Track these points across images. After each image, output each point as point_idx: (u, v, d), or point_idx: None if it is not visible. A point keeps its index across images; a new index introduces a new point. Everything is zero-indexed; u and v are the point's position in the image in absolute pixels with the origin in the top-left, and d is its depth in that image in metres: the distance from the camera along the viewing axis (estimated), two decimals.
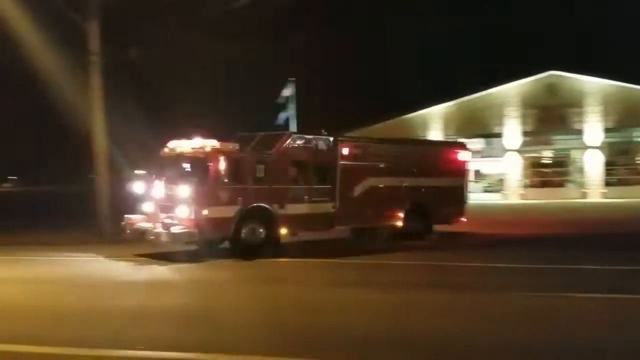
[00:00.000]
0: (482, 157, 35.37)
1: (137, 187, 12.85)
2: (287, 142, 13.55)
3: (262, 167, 12.83)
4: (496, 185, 35.85)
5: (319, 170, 13.86)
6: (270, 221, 12.77)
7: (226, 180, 12.27)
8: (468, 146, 17.90)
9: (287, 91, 32.28)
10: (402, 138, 18.99)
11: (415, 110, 37.90)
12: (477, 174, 37.07)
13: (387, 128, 35.59)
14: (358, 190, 14.38)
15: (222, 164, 12.19)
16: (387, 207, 14.79)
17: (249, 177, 12.62)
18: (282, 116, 32.40)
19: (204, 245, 12.71)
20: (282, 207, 12.97)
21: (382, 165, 14.92)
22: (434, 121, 38.24)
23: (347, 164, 14.23)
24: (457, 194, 16.14)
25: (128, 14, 17.61)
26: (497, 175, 35.85)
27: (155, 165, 13.33)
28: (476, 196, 36.76)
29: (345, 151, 14.28)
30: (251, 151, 13.04)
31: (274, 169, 13.01)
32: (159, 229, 11.77)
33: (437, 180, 15.60)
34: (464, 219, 16.16)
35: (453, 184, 16.09)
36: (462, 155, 16.68)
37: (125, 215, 12.93)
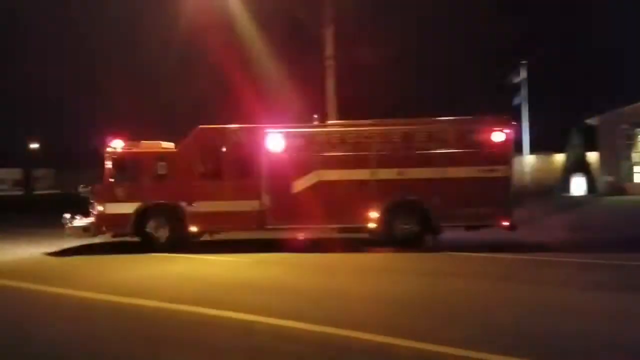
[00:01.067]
0: None
1: None
2: (195, 137, 13.05)
3: (163, 164, 12.91)
4: None
5: (238, 164, 12.85)
6: (175, 218, 12.73)
7: (123, 179, 12.90)
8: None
9: (519, 75, 29.33)
10: (383, 120, 13.61)
11: None
12: None
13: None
14: (299, 185, 12.63)
15: (116, 164, 12.90)
16: (349, 205, 12.37)
17: (148, 175, 12.91)
18: (517, 99, 29.78)
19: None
20: (190, 204, 12.71)
21: (338, 155, 12.60)
22: None
23: (278, 156, 12.73)
24: (489, 189, 12.05)
25: (357, 19, 19.75)
26: None
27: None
28: None
29: (272, 142, 12.77)
30: (149, 150, 13.18)
31: (179, 166, 12.90)
32: (67, 223, 13.12)
33: (446, 171, 12.27)
34: (506, 223, 12.15)
35: (480, 174, 12.16)
36: (498, 137, 12.28)
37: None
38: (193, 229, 12.75)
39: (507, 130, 12.42)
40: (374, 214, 12.37)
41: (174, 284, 9.15)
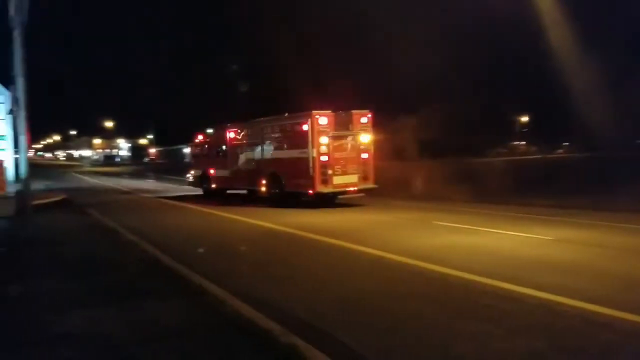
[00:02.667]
0: None
1: None
2: (210, 132, 22.98)
3: (204, 149, 22.48)
4: None
5: (225, 149, 20.77)
6: (207, 180, 21.85)
7: (197, 157, 23.16)
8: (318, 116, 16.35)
9: None
10: (262, 119, 19.29)
11: None
12: None
13: None
14: (240, 161, 19.91)
15: (192, 148, 24.46)
16: (256, 176, 18.74)
17: (201, 155, 22.60)
18: None
19: None
20: (215, 170, 21.41)
21: (250, 143, 19.36)
22: None
23: (231, 143, 20.39)
24: (302, 166, 16.52)
25: None
26: None
27: None
28: None
29: (228, 135, 20.49)
30: (198, 140, 23.23)
31: (208, 150, 22.10)
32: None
33: (285, 153, 17.49)
34: (310, 191, 16.38)
35: (299, 155, 16.76)
36: (305, 127, 16.58)
37: None
38: (213, 186, 21.41)
39: (309, 122, 16.32)
40: (263, 182, 18.35)
41: (469, 255, 9.09)
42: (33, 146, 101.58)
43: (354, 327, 5.61)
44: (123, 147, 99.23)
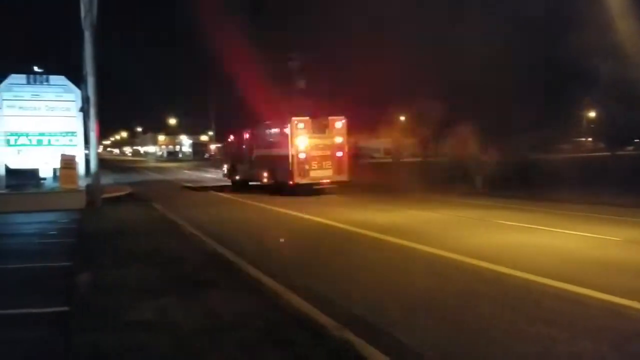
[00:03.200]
0: None
1: None
2: (235, 132, 26.15)
3: (232, 146, 26.32)
4: None
5: (244, 147, 24.34)
6: (236, 172, 25.33)
7: (227, 153, 27.42)
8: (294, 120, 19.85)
9: None
10: (264, 122, 23.12)
11: None
12: None
13: None
14: (252, 158, 23.35)
15: (225, 145, 29.10)
16: (262, 169, 22.16)
17: (230, 152, 26.50)
18: None
19: None
20: (239, 165, 24.95)
21: (258, 142, 22.93)
22: None
23: (247, 142, 24.12)
24: (285, 161, 19.83)
25: None
26: None
27: None
28: None
29: (245, 135, 24.40)
30: (228, 139, 27.71)
31: (234, 148, 25.76)
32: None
33: (275, 150, 20.94)
34: (290, 182, 19.54)
35: (283, 153, 20.08)
36: (286, 130, 20.04)
37: None
38: (237, 178, 24.89)
39: (287, 126, 19.95)
40: (265, 174, 21.81)
41: (531, 255, 8.79)
42: (102, 142, 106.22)
43: (412, 325, 5.56)
44: (185, 143, 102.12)
